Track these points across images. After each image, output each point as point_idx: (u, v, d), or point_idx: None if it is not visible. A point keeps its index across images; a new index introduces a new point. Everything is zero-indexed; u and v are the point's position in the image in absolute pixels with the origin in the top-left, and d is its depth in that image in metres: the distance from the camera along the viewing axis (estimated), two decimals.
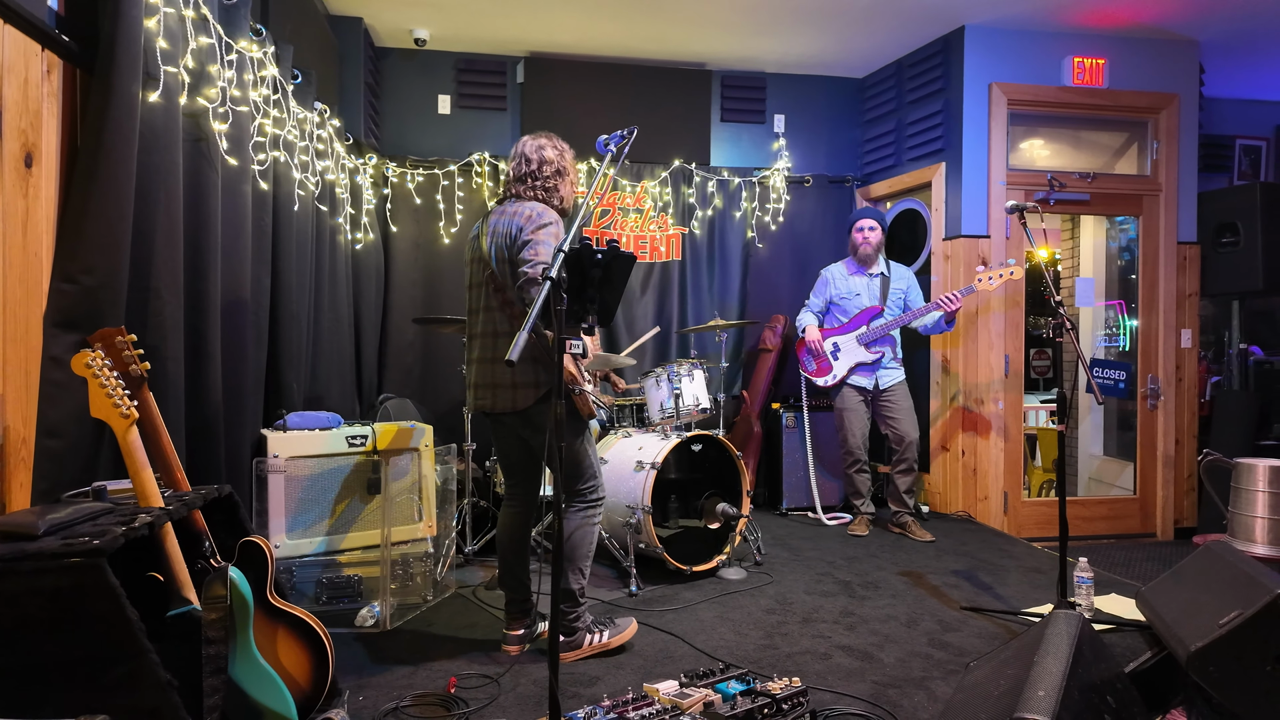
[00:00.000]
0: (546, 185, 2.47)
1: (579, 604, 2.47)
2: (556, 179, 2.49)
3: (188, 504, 1.73)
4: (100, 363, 1.62)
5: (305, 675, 1.88)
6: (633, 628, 2.56)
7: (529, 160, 2.47)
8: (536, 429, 2.43)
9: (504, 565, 2.55)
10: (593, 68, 4.70)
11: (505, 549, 2.56)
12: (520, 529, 2.57)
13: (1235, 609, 2.00)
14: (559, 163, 2.50)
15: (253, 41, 2.60)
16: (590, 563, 2.50)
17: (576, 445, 2.45)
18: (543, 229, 2.31)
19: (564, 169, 2.51)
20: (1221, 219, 4.43)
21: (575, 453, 2.45)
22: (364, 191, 4.14)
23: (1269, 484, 2.64)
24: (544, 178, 2.47)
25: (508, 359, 1.47)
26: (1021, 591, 3.10)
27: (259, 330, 2.79)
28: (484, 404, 2.45)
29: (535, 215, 2.34)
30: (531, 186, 2.46)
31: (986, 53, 4.29)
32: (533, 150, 2.47)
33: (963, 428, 4.38)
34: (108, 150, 1.82)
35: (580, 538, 2.45)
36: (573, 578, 2.45)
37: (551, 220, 2.35)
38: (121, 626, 1.31)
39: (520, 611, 2.53)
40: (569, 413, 2.37)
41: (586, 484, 2.48)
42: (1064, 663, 1.55)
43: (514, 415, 2.41)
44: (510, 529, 2.57)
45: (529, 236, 2.29)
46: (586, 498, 2.48)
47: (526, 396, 2.37)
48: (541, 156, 2.47)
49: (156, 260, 2.03)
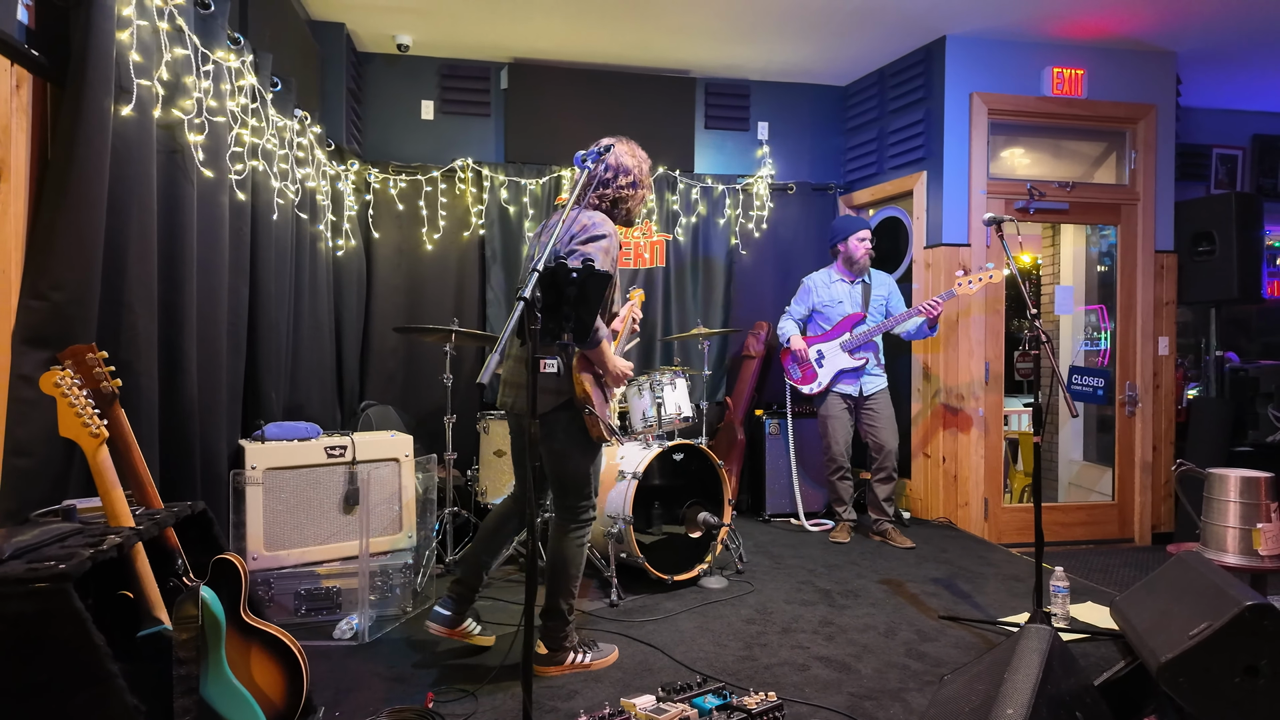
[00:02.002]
0: (616, 195, 2.39)
1: (568, 622, 2.44)
2: (630, 190, 2.40)
3: (159, 523, 1.72)
4: (69, 381, 1.60)
5: (279, 693, 1.87)
6: (614, 655, 2.53)
7: (608, 166, 2.37)
8: (547, 435, 2.37)
9: (473, 547, 2.52)
10: (577, 74, 4.70)
11: (483, 531, 2.53)
12: (507, 520, 2.55)
13: (1205, 621, 2.02)
14: (636, 174, 2.41)
15: (230, 51, 2.58)
16: (578, 583, 2.47)
17: (584, 464, 2.40)
18: (593, 242, 2.24)
19: (639, 181, 2.42)
20: (1198, 228, 4.49)
21: (582, 471, 2.40)
22: (346, 198, 4.12)
23: (1240, 494, 2.67)
24: (616, 186, 2.38)
25: (479, 380, 1.47)
26: (999, 600, 3.13)
27: (237, 340, 2.77)
28: (508, 401, 2.43)
29: (589, 226, 2.28)
30: (600, 195, 2.37)
31: (967, 63, 4.33)
32: (612, 156, 2.37)
33: (943, 433, 4.42)
34: (79, 165, 1.81)
35: (571, 557, 2.42)
36: (561, 598, 2.41)
37: (606, 234, 2.28)
38: (87, 651, 1.30)
39: (459, 597, 2.47)
40: (580, 430, 2.35)
41: (580, 503, 2.44)
42: (1033, 679, 1.57)
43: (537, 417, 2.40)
44: (500, 517, 2.55)
45: (577, 247, 2.23)
46: (579, 517, 2.44)
47: (545, 402, 2.31)
48: (620, 164, 2.38)
49: (129, 274, 2.02)
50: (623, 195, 2.41)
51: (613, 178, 2.39)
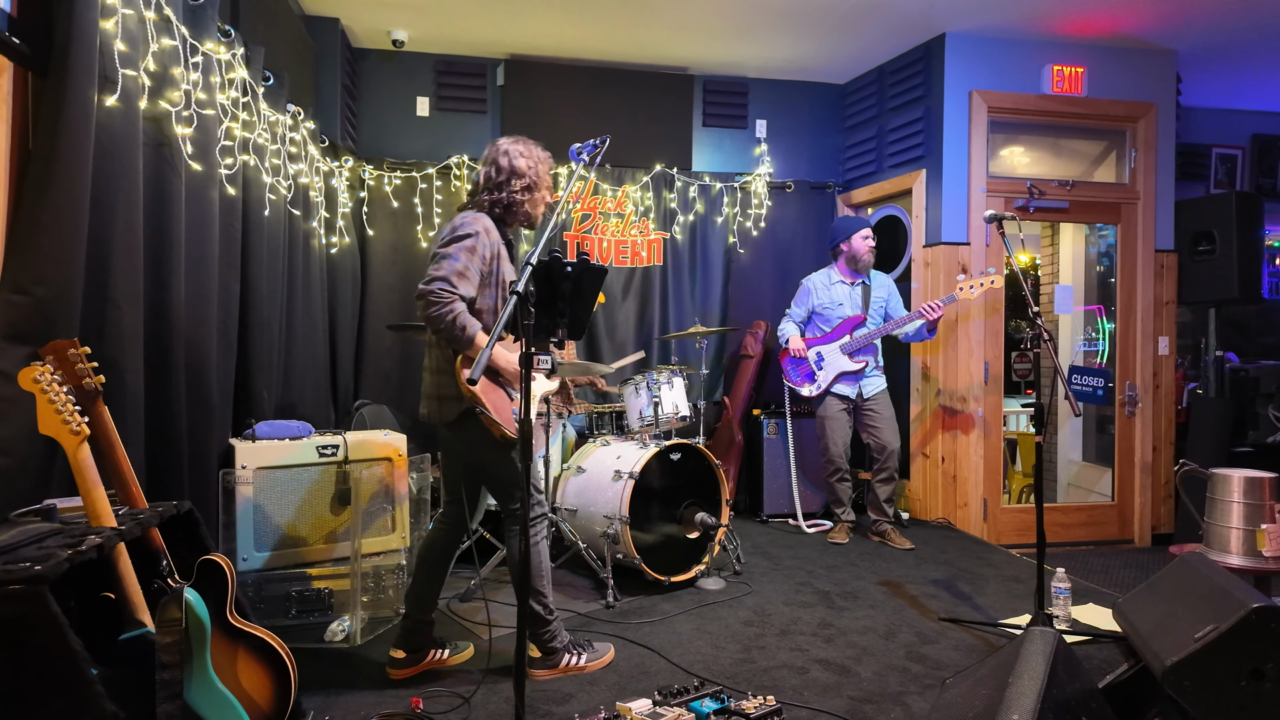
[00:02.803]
0: (509, 200, 2.30)
1: (548, 622, 2.38)
2: (524, 195, 2.31)
3: (143, 522, 1.67)
4: (49, 377, 1.56)
5: (266, 698, 1.83)
6: (610, 655, 2.48)
7: (499, 169, 2.30)
8: (462, 443, 2.31)
9: (413, 582, 2.43)
10: (574, 71, 4.66)
11: (418, 567, 2.44)
12: (440, 549, 2.45)
13: (1210, 623, 1.99)
14: (531, 177, 2.32)
15: (220, 43, 2.54)
16: (547, 580, 2.39)
17: (506, 464, 2.29)
18: (455, 243, 2.16)
19: (534, 184, 2.33)
20: (1198, 227, 4.47)
21: (506, 473, 2.30)
22: (340, 194, 4.07)
23: (1244, 495, 2.64)
24: (509, 192, 2.29)
25: (469, 377, 1.43)
26: (1000, 601, 3.09)
27: (227, 338, 2.73)
28: (423, 413, 2.36)
29: (456, 226, 2.20)
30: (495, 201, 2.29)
31: (967, 60, 4.30)
32: (504, 158, 2.30)
33: (943, 434, 4.39)
34: (62, 157, 1.76)
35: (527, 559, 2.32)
36: (531, 600, 2.31)
37: (472, 233, 2.18)
38: (64, 658, 1.26)
39: (409, 633, 2.38)
40: (484, 432, 2.22)
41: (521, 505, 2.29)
42: (1038, 683, 1.53)
43: (444, 427, 2.30)
44: (429, 546, 2.46)
45: (437, 249, 2.16)
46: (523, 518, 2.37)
47: (450, 409, 2.25)
48: (512, 167, 2.29)
49: (114, 269, 1.97)
50: (516, 200, 2.31)
51: (505, 181, 2.29)
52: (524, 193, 2.31)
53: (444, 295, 2.08)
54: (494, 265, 2.24)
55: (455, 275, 2.11)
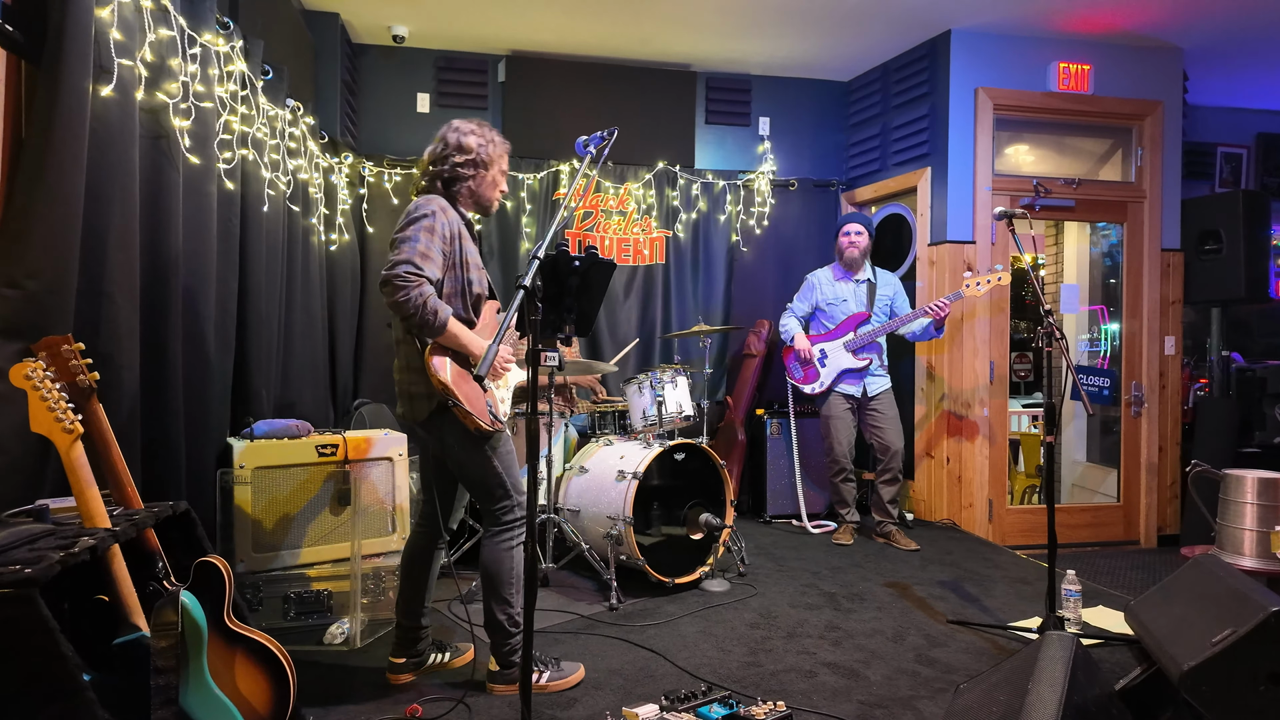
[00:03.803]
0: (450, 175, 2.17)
1: (510, 634, 2.24)
2: (469, 170, 2.18)
3: (138, 523, 1.63)
4: (41, 374, 1.52)
5: (265, 703, 1.78)
6: (579, 675, 2.33)
7: (446, 143, 2.18)
8: (436, 441, 2.21)
9: (400, 590, 2.37)
10: (576, 67, 4.61)
11: (401, 575, 2.38)
12: (420, 553, 2.38)
13: (1228, 627, 1.95)
14: (479, 154, 2.19)
15: (219, 35, 2.50)
16: (516, 590, 2.23)
17: (482, 462, 2.19)
18: (411, 225, 2.05)
19: (484, 161, 2.21)
20: (1205, 226, 4.43)
21: (483, 471, 2.20)
22: (339, 191, 4.03)
23: (1258, 496, 2.61)
24: (452, 164, 2.16)
25: (476, 373, 1.38)
26: (1008, 603, 3.05)
27: (225, 335, 2.68)
28: (399, 412, 2.28)
29: (410, 210, 2.09)
30: (438, 174, 2.17)
31: (973, 57, 4.26)
32: (453, 134, 2.19)
33: (948, 434, 4.35)
34: (55, 147, 1.72)
35: (496, 566, 2.21)
36: (497, 609, 2.21)
37: (427, 212, 2.07)
38: (55, 662, 1.21)
39: (405, 640, 2.35)
40: (463, 428, 2.11)
41: (498, 505, 2.23)
42: (1059, 691, 1.49)
43: (419, 426, 2.22)
44: (410, 551, 2.39)
45: (395, 235, 2.06)
46: (500, 520, 2.23)
47: (421, 408, 2.16)
48: (460, 143, 2.17)
49: (110, 263, 1.93)
50: (460, 174, 2.18)
51: (449, 155, 2.17)
52: (469, 167, 2.19)
53: (410, 278, 1.97)
54: (456, 245, 2.14)
55: (419, 257, 2.01)
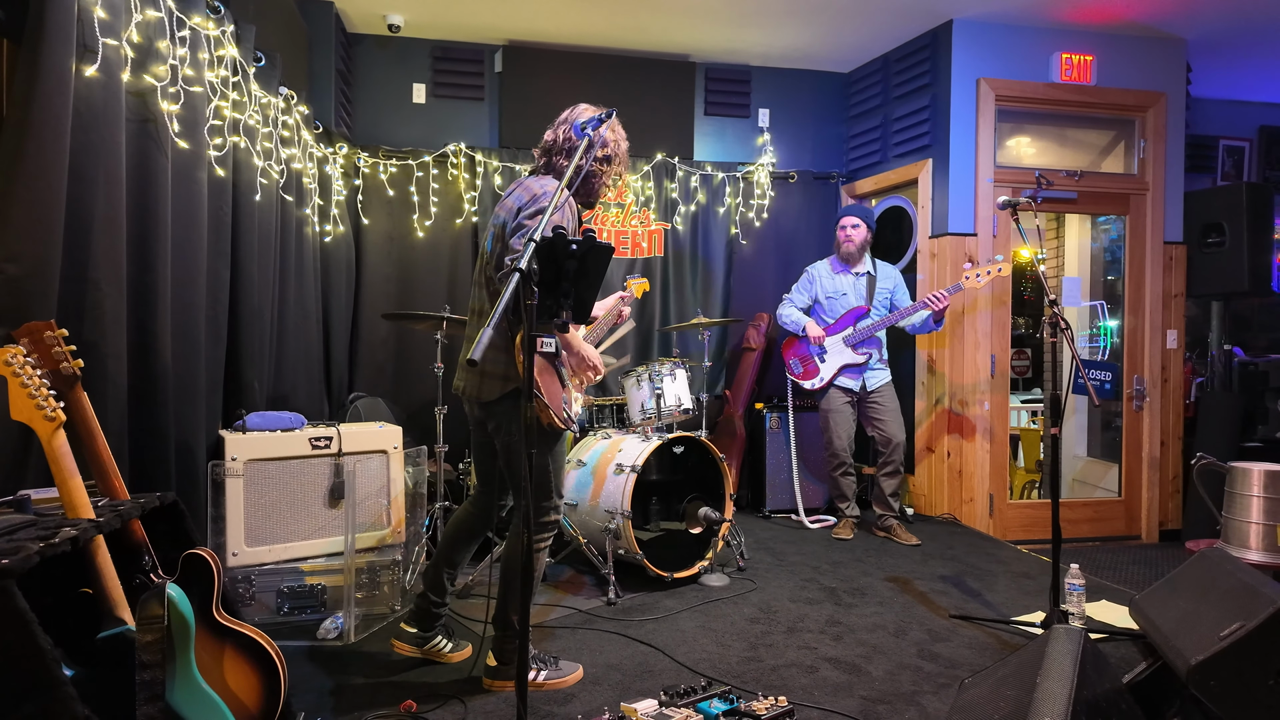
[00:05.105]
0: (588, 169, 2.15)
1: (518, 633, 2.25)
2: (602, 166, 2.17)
3: (123, 514, 1.58)
4: (22, 360, 1.47)
5: (254, 699, 1.74)
6: (577, 675, 2.28)
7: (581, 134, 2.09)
8: (497, 428, 2.19)
9: (435, 559, 2.36)
10: (573, 58, 4.56)
11: (444, 542, 2.37)
12: (466, 532, 2.38)
13: (1236, 621, 1.92)
14: (613, 148, 2.20)
15: (209, 18, 2.44)
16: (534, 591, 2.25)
17: (540, 457, 2.15)
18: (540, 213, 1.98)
19: (613, 156, 2.21)
20: (1208, 219, 4.40)
21: (539, 466, 2.15)
22: (334, 182, 3.97)
23: (1264, 489, 2.57)
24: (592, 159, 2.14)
25: (469, 358, 1.34)
26: (1010, 598, 3.02)
27: (216, 325, 2.63)
28: (458, 385, 2.24)
29: (541, 195, 2.07)
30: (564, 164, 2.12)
31: (974, 48, 4.22)
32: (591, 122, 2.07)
33: (948, 429, 4.31)
34: (36, 127, 1.67)
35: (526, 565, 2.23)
36: (512, 609, 2.17)
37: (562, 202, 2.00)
38: (33, 657, 1.17)
39: (422, 615, 2.35)
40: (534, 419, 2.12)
41: (544, 504, 2.22)
42: (1069, 685, 1.45)
43: (479, 406, 2.18)
44: (457, 526, 2.38)
45: (525, 221, 2.01)
46: (539, 519, 2.21)
47: (491, 388, 2.12)
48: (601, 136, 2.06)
49: (95, 248, 1.88)
50: (594, 170, 2.18)
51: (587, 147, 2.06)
52: (603, 164, 2.19)
53: None
54: None
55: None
